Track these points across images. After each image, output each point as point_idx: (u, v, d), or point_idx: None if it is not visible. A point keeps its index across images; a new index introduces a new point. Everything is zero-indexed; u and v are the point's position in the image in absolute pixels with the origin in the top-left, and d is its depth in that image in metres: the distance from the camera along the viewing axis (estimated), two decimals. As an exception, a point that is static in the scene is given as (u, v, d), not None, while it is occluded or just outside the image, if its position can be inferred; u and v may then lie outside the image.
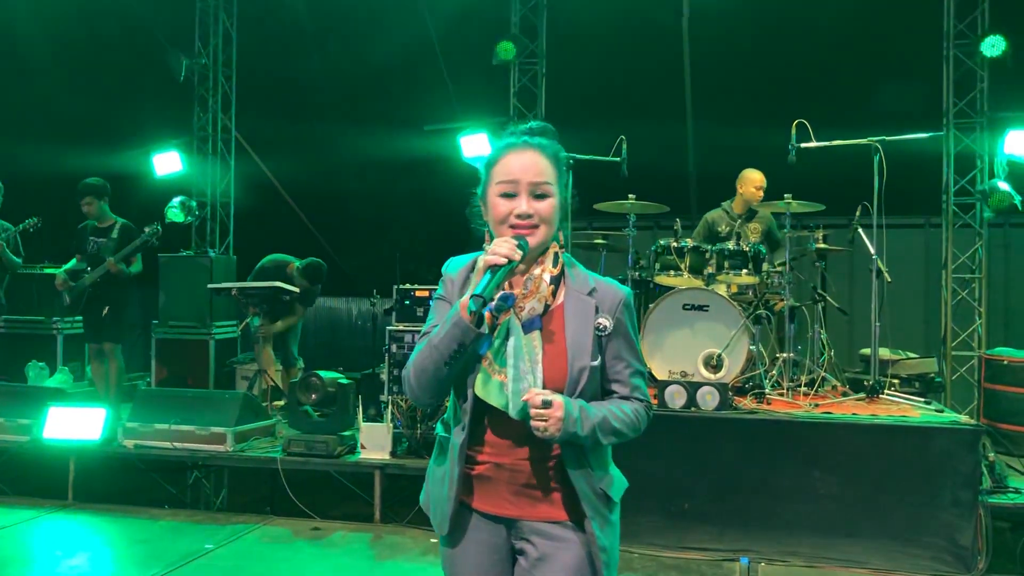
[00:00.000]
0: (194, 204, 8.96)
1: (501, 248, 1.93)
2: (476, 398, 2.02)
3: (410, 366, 2.04)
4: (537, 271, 2.05)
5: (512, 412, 1.97)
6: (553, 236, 2.08)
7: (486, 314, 1.93)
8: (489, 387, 2.00)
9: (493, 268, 1.91)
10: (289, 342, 7.50)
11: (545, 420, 1.92)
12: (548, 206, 2.04)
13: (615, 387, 2.12)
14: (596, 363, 2.05)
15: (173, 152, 9.13)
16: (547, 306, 2.05)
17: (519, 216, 2.02)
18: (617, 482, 2.16)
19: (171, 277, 8.05)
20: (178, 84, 9.10)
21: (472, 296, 1.88)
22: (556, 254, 2.08)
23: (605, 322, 2.06)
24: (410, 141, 9.10)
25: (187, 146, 9.36)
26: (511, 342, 1.99)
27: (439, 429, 2.20)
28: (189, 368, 7.78)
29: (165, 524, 5.46)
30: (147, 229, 6.81)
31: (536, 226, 2.02)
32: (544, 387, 1.97)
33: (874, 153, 5.88)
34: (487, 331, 1.94)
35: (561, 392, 1.98)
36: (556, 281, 2.06)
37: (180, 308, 7.96)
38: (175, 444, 5.85)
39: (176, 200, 8.66)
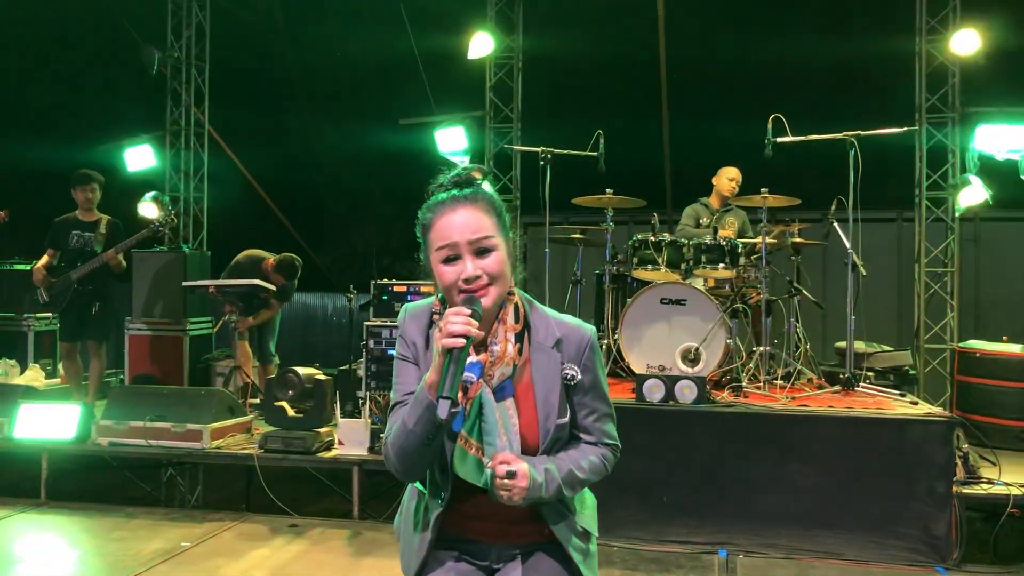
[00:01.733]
0: (167, 199, 8.86)
1: (455, 327, 1.81)
2: (455, 475, 1.99)
3: (390, 446, 1.98)
4: (499, 334, 1.98)
5: (492, 495, 1.95)
6: (508, 288, 2.00)
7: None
8: (467, 464, 1.97)
9: (452, 353, 1.80)
10: (266, 338, 7.45)
11: (509, 490, 1.90)
12: (495, 261, 1.93)
13: (582, 433, 2.12)
14: (565, 420, 2.04)
15: (145, 146, 9.03)
16: (515, 366, 1.99)
17: (467, 281, 1.91)
18: (592, 511, 2.19)
19: (144, 273, 7.96)
20: (150, 77, 8.99)
21: (440, 398, 1.77)
22: (516, 307, 2.02)
23: (572, 372, 2.03)
24: (385, 136, 9.08)
25: (160, 140, 9.26)
26: (486, 416, 1.96)
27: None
28: (163, 365, 7.70)
29: (141, 522, 5.40)
30: (153, 226, 6.72)
31: (487, 285, 1.92)
32: (521, 451, 1.97)
33: (849, 148, 5.93)
34: (459, 409, 1.87)
35: (536, 450, 1.99)
36: (520, 337, 2.01)
37: (154, 304, 7.88)
38: (150, 441, 5.79)
39: (149, 195, 8.56)
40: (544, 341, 2.03)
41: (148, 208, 8.52)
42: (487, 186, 2.03)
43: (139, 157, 9.00)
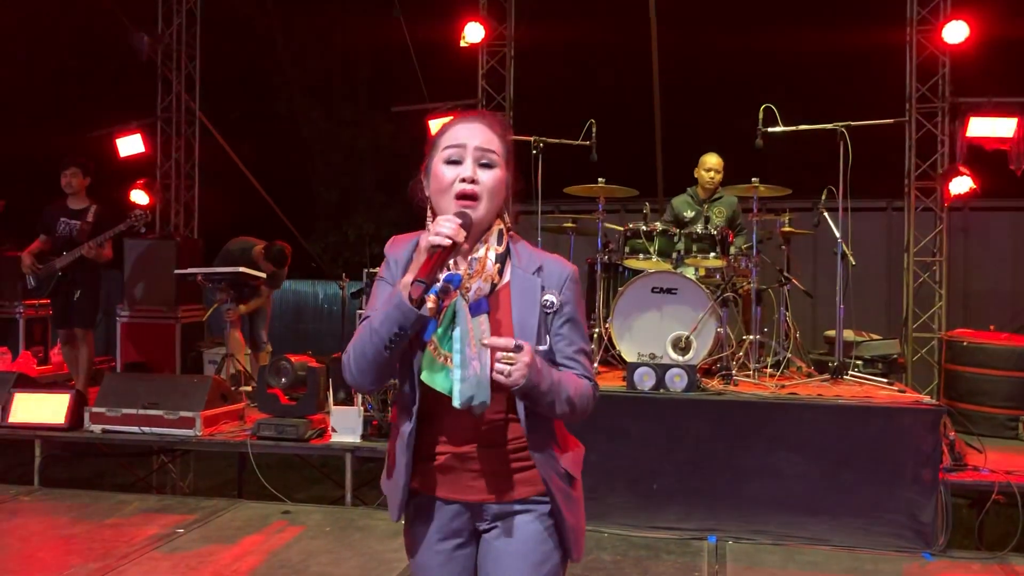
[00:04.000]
0: (158, 187, 8.84)
1: (444, 228, 1.84)
2: (423, 384, 1.95)
3: (350, 350, 1.96)
4: (482, 250, 1.98)
5: (456, 400, 1.88)
6: (498, 213, 2.03)
7: (430, 297, 1.82)
8: (435, 373, 1.93)
9: (435, 249, 1.83)
10: (258, 326, 7.46)
11: (512, 363, 1.84)
12: (494, 177, 1.98)
13: (563, 362, 2.07)
14: (544, 347, 2.01)
15: (136, 134, 8.99)
16: (493, 286, 1.98)
17: (463, 180, 1.95)
18: (575, 454, 2.13)
19: (136, 260, 7.96)
20: (141, 64, 8.95)
21: (414, 281, 1.79)
22: (501, 231, 2.03)
23: (552, 298, 2.01)
24: (378, 123, 9.07)
25: (150, 128, 9.23)
26: (458, 326, 1.91)
27: (393, 416, 2.16)
28: (155, 352, 7.71)
29: (135, 508, 5.42)
30: (134, 215, 6.70)
31: (478, 197, 1.95)
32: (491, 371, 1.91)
33: (839, 138, 5.96)
34: (429, 314, 1.85)
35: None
36: (502, 259, 2.01)
37: (145, 292, 7.87)
38: (143, 428, 5.81)
39: (139, 182, 8.55)
40: (525, 267, 2.03)
41: (139, 195, 8.51)
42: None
43: (130, 144, 8.97)
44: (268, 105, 9.62)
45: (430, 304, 1.82)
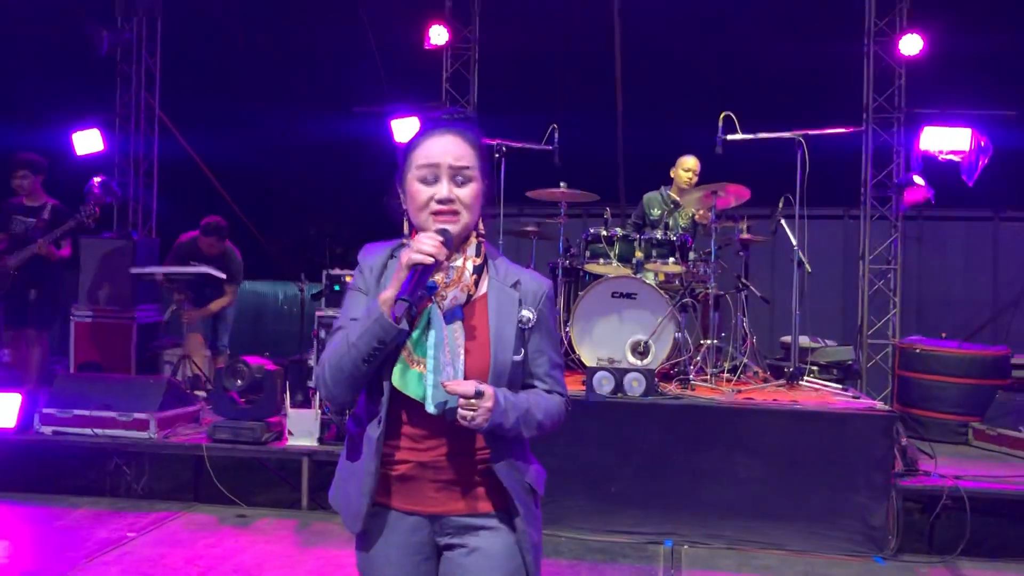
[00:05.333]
0: (115, 184, 8.71)
1: (426, 246, 1.85)
2: (393, 389, 1.94)
3: (325, 363, 1.95)
4: (459, 261, 1.98)
5: (429, 406, 1.89)
6: (474, 224, 2.03)
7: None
8: (407, 378, 1.93)
9: (417, 268, 1.85)
10: (220, 330, 7.35)
11: (474, 409, 1.86)
12: (470, 192, 1.98)
13: (535, 381, 2.09)
14: (519, 358, 2.02)
15: (94, 130, 8.85)
16: (469, 296, 1.99)
17: (440, 201, 1.95)
18: (539, 473, 2.12)
19: (92, 259, 7.81)
20: (99, 60, 8.81)
21: (398, 299, 1.81)
22: (478, 244, 2.03)
23: (529, 315, 2.02)
24: (339, 123, 9.01)
25: (108, 124, 9.08)
26: (432, 332, 1.92)
27: (350, 424, 2.10)
28: (110, 353, 7.57)
29: (85, 512, 5.33)
30: (83, 210, 6.59)
31: (457, 212, 1.96)
32: (465, 379, 1.91)
33: (797, 146, 6.05)
34: (408, 326, 1.89)
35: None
36: (479, 271, 2.01)
37: (101, 291, 7.74)
38: (96, 431, 5.71)
39: (96, 180, 8.40)
40: (503, 280, 2.05)
41: (96, 194, 8.36)
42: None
43: (87, 141, 8.82)
44: (229, 103, 9.50)
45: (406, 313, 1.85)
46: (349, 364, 1.89)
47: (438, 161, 1.97)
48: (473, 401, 1.86)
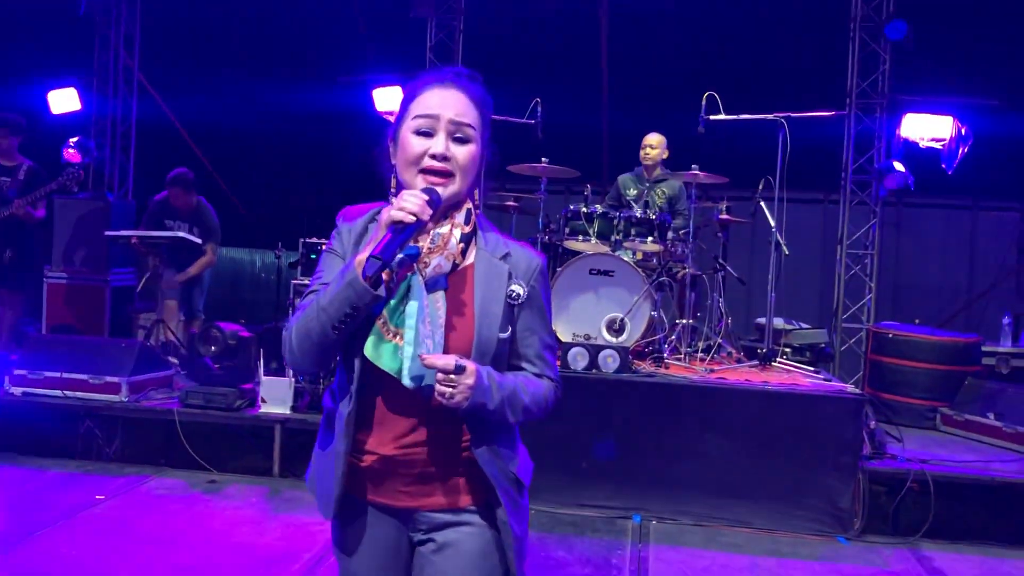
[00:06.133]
0: (92, 145, 8.59)
1: (410, 204, 1.69)
2: (366, 362, 1.78)
3: (292, 328, 1.79)
4: (446, 227, 1.82)
5: (405, 379, 1.73)
6: (468, 192, 1.87)
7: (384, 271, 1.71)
8: (381, 350, 1.76)
9: (398, 226, 1.68)
10: (195, 295, 7.28)
11: (454, 386, 1.71)
12: (467, 153, 1.82)
13: (524, 363, 1.93)
14: (506, 335, 1.86)
15: (70, 89, 8.72)
16: (455, 266, 1.83)
17: (433, 156, 1.79)
18: (525, 463, 1.98)
19: (66, 220, 7.71)
20: (78, 19, 8.67)
21: (370, 256, 1.65)
22: (469, 210, 1.87)
23: (519, 289, 1.86)
24: (322, 91, 8.91)
25: (86, 85, 8.95)
26: (411, 301, 1.75)
27: (326, 400, 1.97)
28: (83, 315, 7.50)
29: (54, 475, 5.30)
30: (66, 173, 6.50)
31: (451, 173, 1.80)
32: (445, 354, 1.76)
33: (779, 129, 6.05)
34: (385, 292, 1.72)
35: None
36: (467, 240, 1.85)
37: (75, 253, 7.65)
38: (66, 393, 5.67)
39: (73, 140, 8.30)
40: (492, 251, 1.89)
41: (72, 154, 8.26)
42: None
43: (63, 100, 8.70)
44: (210, 67, 9.37)
45: (383, 276, 1.70)
46: (317, 330, 1.73)
47: (438, 113, 1.81)
48: (453, 377, 1.70)
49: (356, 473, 1.86)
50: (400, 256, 1.72)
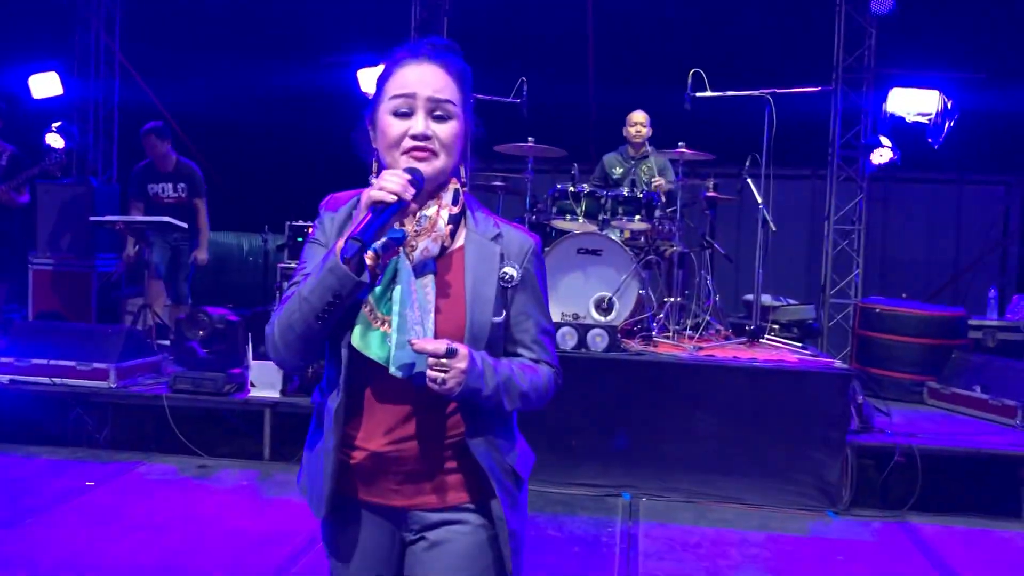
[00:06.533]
0: (75, 130, 8.51)
1: (390, 183, 1.61)
2: (354, 352, 1.71)
3: (275, 322, 1.71)
4: (433, 208, 1.75)
5: (393, 367, 1.66)
6: (454, 170, 1.79)
7: (369, 254, 1.63)
8: (369, 338, 1.69)
9: (378, 206, 1.61)
10: (180, 278, 7.22)
11: (446, 371, 1.63)
12: (449, 130, 1.74)
13: (520, 349, 1.85)
14: (500, 319, 1.78)
15: (52, 73, 8.62)
16: (444, 248, 1.75)
17: (414, 137, 1.71)
18: (524, 455, 1.89)
19: (50, 206, 7.66)
20: (58, 1, 8.56)
21: (349, 239, 1.57)
22: (456, 191, 1.80)
23: (512, 271, 1.78)
24: (306, 73, 8.85)
25: (68, 69, 8.86)
26: (398, 287, 1.68)
27: (315, 396, 1.89)
28: (69, 301, 7.46)
29: (43, 462, 5.29)
30: (48, 157, 6.45)
31: (434, 152, 1.72)
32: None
33: (765, 105, 6.04)
34: (369, 278, 1.64)
35: None
36: (455, 221, 1.77)
37: (60, 238, 7.60)
38: (54, 380, 5.65)
39: (55, 125, 8.21)
40: (483, 232, 1.80)
41: (54, 139, 8.18)
42: None
43: (45, 84, 8.60)
44: (194, 49, 9.28)
45: (368, 261, 1.63)
46: (300, 322, 1.66)
47: (415, 91, 1.73)
48: (444, 361, 1.62)
49: (346, 471, 1.79)
50: (384, 239, 1.65)
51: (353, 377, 1.74)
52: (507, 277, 1.79)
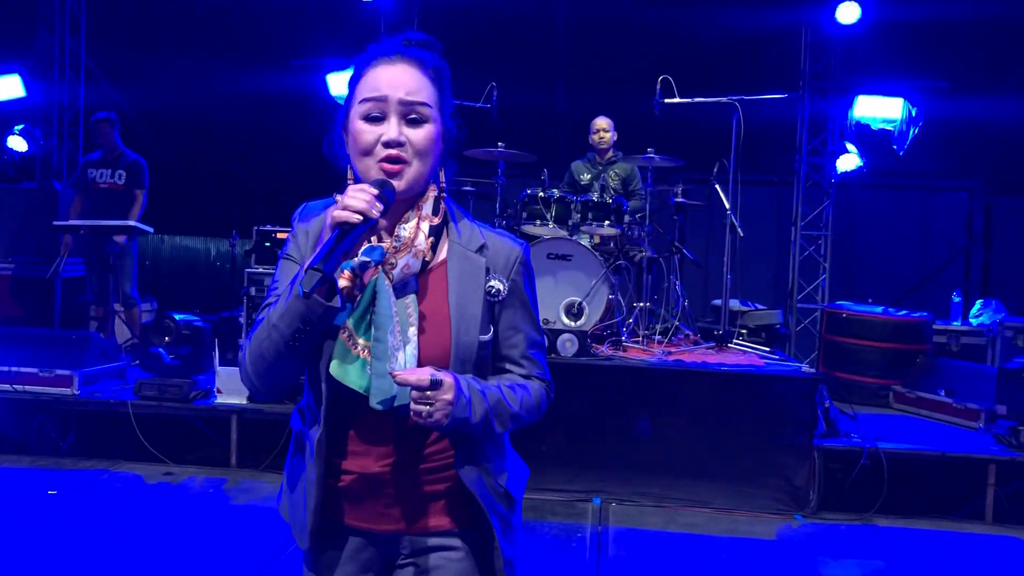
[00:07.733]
0: (38, 133, 8.39)
1: (355, 201, 1.48)
2: (333, 382, 1.60)
3: (246, 348, 1.61)
4: (412, 220, 1.63)
5: (373, 400, 1.56)
6: (432, 176, 1.67)
7: (345, 274, 1.51)
8: (348, 367, 1.58)
9: (344, 227, 1.48)
10: (122, 282, 6.91)
11: (431, 404, 1.53)
12: (424, 135, 1.61)
13: (509, 365, 1.75)
14: (487, 337, 1.68)
15: (14, 76, 8.49)
16: (425, 263, 1.64)
17: (387, 144, 1.59)
18: (517, 474, 1.81)
19: (12, 210, 7.53)
20: (20, 1, 8.44)
21: (308, 268, 1.43)
22: (436, 199, 1.67)
23: (499, 285, 1.67)
24: (275, 76, 8.79)
25: (31, 71, 8.72)
26: (378, 309, 1.57)
27: (294, 420, 1.79)
28: (31, 307, 7.33)
29: (4, 470, 5.20)
30: (4, 158, 6.33)
31: (406, 161, 1.60)
32: (419, 366, 1.58)
33: (733, 112, 6.09)
34: (340, 302, 1.51)
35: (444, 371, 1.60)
36: (436, 232, 1.66)
37: (22, 243, 7.47)
38: (15, 387, 5.55)
39: (17, 128, 8.09)
40: (467, 244, 1.69)
41: (17, 142, 8.06)
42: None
43: (7, 87, 8.46)
44: (160, 52, 9.18)
45: (344, 283, 1.51)
46: (271, 350, 1.55)
47: (386, 94, 1.61)
48: (429, 393, 1.52)
49: (332, 494, 1.69)
50: (361, 259, 1.53)
51: (333, 407, 1.64)
52: (494, 291, 1.68)
